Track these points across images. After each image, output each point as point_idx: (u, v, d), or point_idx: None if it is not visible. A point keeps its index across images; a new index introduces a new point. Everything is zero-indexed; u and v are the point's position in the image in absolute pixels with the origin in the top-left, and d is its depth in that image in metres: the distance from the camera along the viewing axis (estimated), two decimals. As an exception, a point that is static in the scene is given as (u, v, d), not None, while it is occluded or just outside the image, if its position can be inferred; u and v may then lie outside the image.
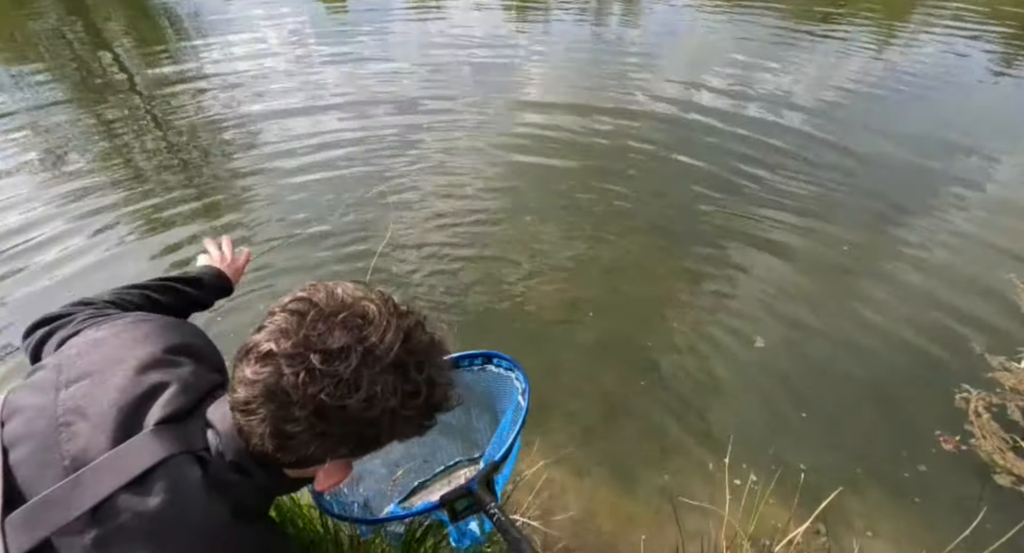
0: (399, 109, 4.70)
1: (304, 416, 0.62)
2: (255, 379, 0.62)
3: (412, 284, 2.77)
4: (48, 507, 0.60)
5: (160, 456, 0.64)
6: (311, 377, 0.61)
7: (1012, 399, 2.21)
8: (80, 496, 0.60)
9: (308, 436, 0.64)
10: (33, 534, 0.58)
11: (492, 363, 1.20)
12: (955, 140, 4.32)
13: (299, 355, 0.61)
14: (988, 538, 1.58)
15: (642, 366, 2.37)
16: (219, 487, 0.66)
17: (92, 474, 0.62)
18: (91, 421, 0.66)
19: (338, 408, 0.62)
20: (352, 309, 0.65)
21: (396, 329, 0.65)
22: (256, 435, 0.64)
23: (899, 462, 1.99)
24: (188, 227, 3.19)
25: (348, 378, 0.61)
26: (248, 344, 0.66)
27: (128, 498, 0.61)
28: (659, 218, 3.32)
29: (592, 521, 1.76)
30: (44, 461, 0.63)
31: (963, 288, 2.78)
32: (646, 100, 4.89)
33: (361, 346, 0.63)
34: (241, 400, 0.64)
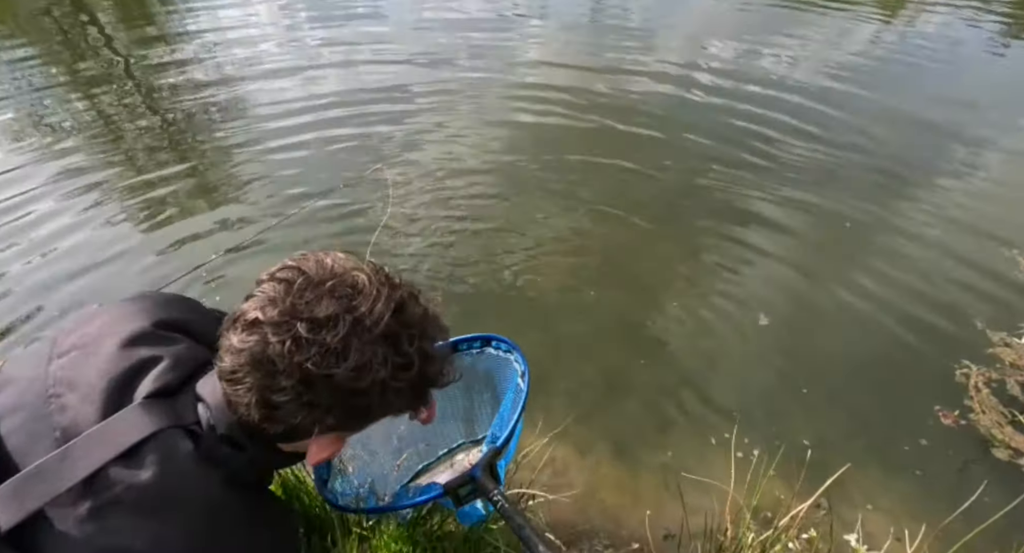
0: (395, 78, 4.58)
1: (290, 385, 0.61)
2: (241, 347, 0.62)
3: (410, 260, 2.74)
4: (38, 479, 0.59)
5: (150, 429, 0.63)
6: (297, 345, 0.60)
7: (1012, 374, 2.22)
8: (71, 468, 0.59)
9: (295, 406, 0.63)
10: (23, 506, 0.57)
11: (491, 345, 1.19)
12: (961, 113, 4.26)
13: (285, 323, 0.60)
14: (986, 511, 1.59)
15: (643, 343, 2.36)
16: (212, 460, 0.66)
17: (81, 446, 0.61)
18: (80, 392, 0.65)
19: (324, 377, 0.61)
20: (341, 278, 0.64)
21: (387, 299, 0.64)
22: (243, 405, 0.64)
23: (899, 437, 2.00)
24: (181, 205, 3.13)
25: (335, 347, 0.60)
26: (236, 312, 0.65)
27: (120, 470, 0.61)
28: (661, 194, 3.28)
29: (596, 498, 1.77)
30: (35, 432, 0.63)
31: (965, 264, 2.77)
32: (648, 73, 4.79)
33: (350, 315, 0.61)
34: (227, 369, 0.63)
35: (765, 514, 1.70)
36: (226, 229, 2.95)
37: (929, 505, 1.77)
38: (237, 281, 2.58)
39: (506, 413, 1.14)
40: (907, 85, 4.79)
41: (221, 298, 2.51)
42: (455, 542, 1.31)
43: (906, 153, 3.75)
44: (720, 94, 4.41)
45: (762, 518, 1.67)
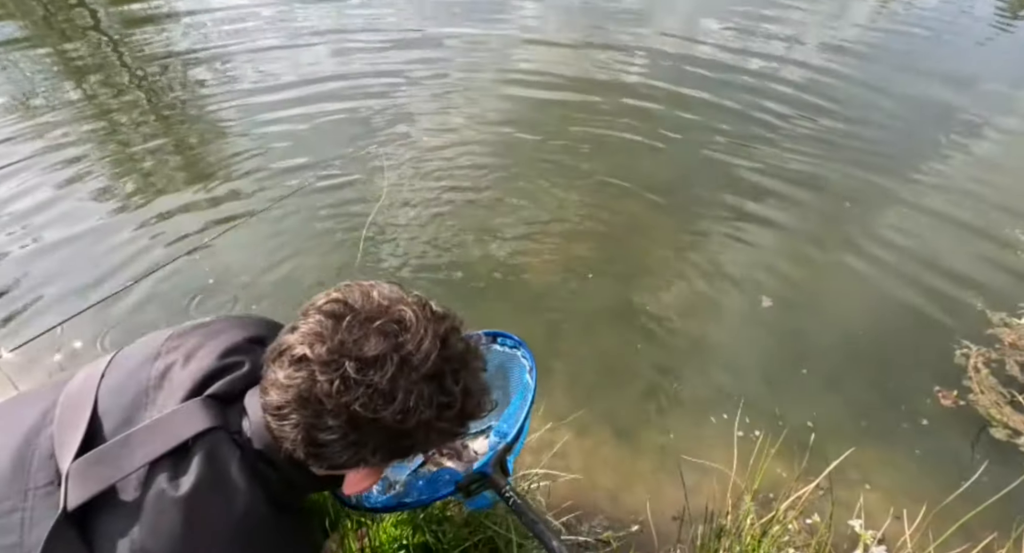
0: (388, 54, 4.48)
1: (337, 425, 0.62)
2: (288, 384, 0.62)
3: (405, 241, 2.70)
4: (101, 462, 0.62)
5: (200, 427, 0.64)
6: (346, 385, 0.60)
7: (1011, 355, 2.21)
8: (128, 456, 0.62)
9: (340, 445, 0.63)
10: (87, 488, 0.60)
11: (497, 342, 1.20)
12: (963, 89, 4.21)
13: (334, 362, 0.60)
14: (985, 491, 1.60)
15: (642, 323, 2.34)
16: (253, 472, 0.66)
17: (140, 435, 0.64)
18: (173, 386, 0.68)
19: (372, 419, 0.61)
20: (389, 314, 0.64)
21: (433, 336, 0.64)
22: (288, 440, 0.64)
23: (898, 417, 2.00)
24: (171, 182, 3.07)
25: (384, 388, 0.60)
26: (281, 345, 0.65)
27: (168, 468, 0.62)
28: (659, 172, 3.23)
29: (596, 480, 1.76)
30: (130, 418, 0.66)
31: (968, 244, 2.75)
32: (646, 49, 4.70)
33: (397, 354, 0.61)
34: (273, 404, 0.64)
35: (766, 495, 1.70)
36: (218, 207, 2.89)
37: (928, 485, 1.77)
38: (229, 259, 2.55)
39: (514, 409, 1.14)
40: (909, 60, 4.71)
41: (214, 281, 2.47)
42: (455, 526, 1.30)
43: (907, 130, 3.71)
44: (720, 70, 4.33)
45: (762, 499, 1.67)
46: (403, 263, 2.59)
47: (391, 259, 2.61)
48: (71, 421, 0.65)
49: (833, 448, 1.88)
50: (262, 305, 2.37)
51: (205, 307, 2.34)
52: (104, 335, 2.19)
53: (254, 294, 2.42)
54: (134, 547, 0.59)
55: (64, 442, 0.63)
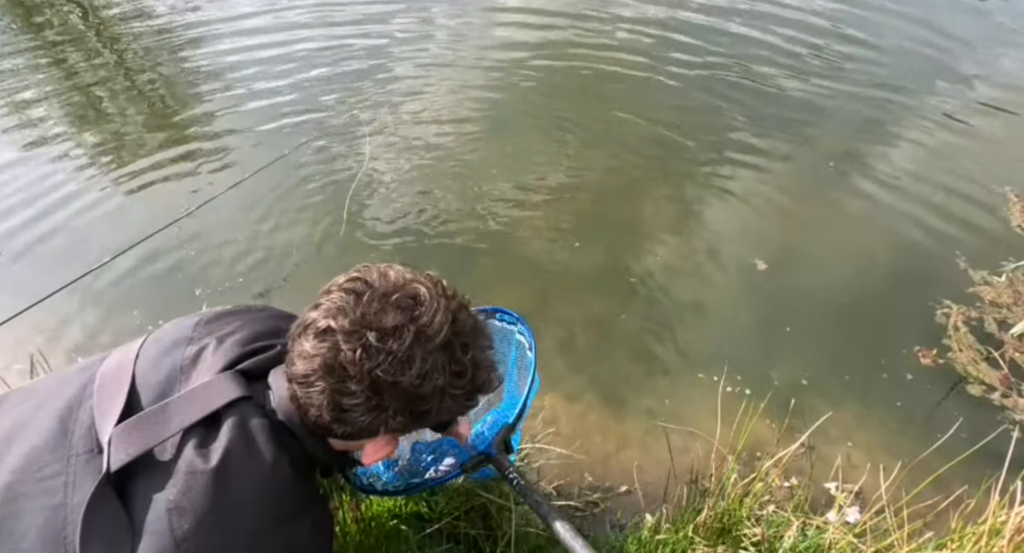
0: (369, 20, 4.29)
1: (360, 390, 0.67)
2: (315, 353, 0.67)
3: (391, 213, 2.65)
4: (141, 427, 0.67)
5: (232, 395, 0.70)
6: (367, 353, 0.65)
7: (990, 312, 2.26)
8: (166, 422, 0.67)
9: (363, 409, 0.68)
10: (127, 451, 0.65)
11: (496, 317, 1.19)
12: (952, 49, 4.12)
13: (356, 332, 0.66)
14: (960, 446, 1.66)
15: (628, 291, 2.35)
16: (279, 439, 0.71)
17: (177, 403, 0.69)
18: (203, 367, 0.73)
19: (392, 383, 0.66)
20: (405, 290, 0.69)
21: (445, 310, 0.69)
22: (314, 406, 0.69)
23: (880, 377, 2.05)
24: (151, 158, 2.97)
25: (402, 355, 0.66)
26: (306, 320, 0.70)
27: (202, 434, 0.67)
28: (645, 137, 3.18)
29: (585, 445, 1.80)
30: (164, 393, 0.71)
31: (952, 204, 2.76)
32: (631, 10, 4.52)
33: (414, 325, 0.67)
34: (300, 373, 0.68)
35: (751, 453, 1.75)
36: (198, 178, 2.82)
37: (906, 441, 1.84)
38: (211, 230, 2.50)
39: (514, 386, 1.15)
40: (895, 16, 4.58)
41: (196, 253, 2.42)
42: (447, 495, 1.33)
43: (893, 89, 3.65)
44: (704, 36, 4.17)
45: (747, 458, 1.72)
46: (389, 233, 2.55)
47: (376, 229, 2.57)
48: (110, 395, 0.70)
49: (816, 407, 1.94)
50: (247, 276, 2.34)
51: (187, 280, 2.31)
52: (86, 312, 2.16)
53: (238, 265, 2.38)
54: (169, 506, 0.63)
55: (104, 413, 0.68)
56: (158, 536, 0.62)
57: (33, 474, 0.65)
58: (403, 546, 1.25)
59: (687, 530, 1.33)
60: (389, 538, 1.27)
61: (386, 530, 1.29)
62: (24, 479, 0.64)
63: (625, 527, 1.56)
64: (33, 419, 0.70)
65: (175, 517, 0.62)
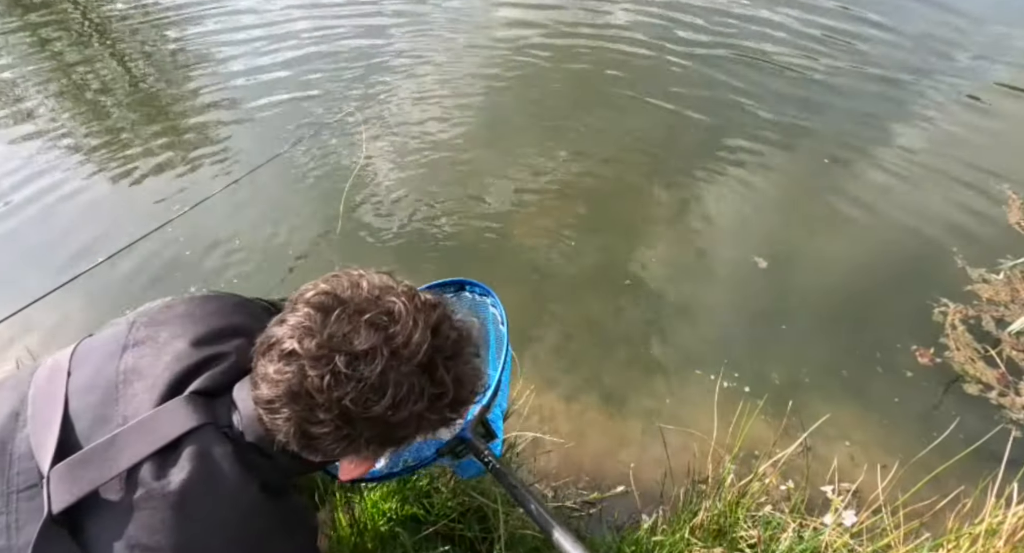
0: (366, 17, 4.26)
1: (329, 418, 0.61)
2: (278, 379, 0.61)
3: (387, 211, 2.64)
4: (86, 465, 0.61)
5: (189, 425, 0.64)
6: (336, 380, 0.59)
7: (988, 310, 2.25)
8: (115, 457, 0.61)
9: (333, 438, 0.63)
10: (71, 491, 0.59)
11: (465, 290, 1.15)
12: (950, 37, 4.10)
13: (324, 357, 0.60)
14: (957, 445, 1.66)
15: (626, 290, 2.34)
16: (245, 464, 0.66)
17: (126, 436, 0.63)
18: (146, 382, 0.66)
19: (363, 413, 0.61)
20: (378, 306, 0.63)
21: (423, 327, 0.63)
22: (281, 433, 0.64)
23: (877, 375, 2.05)
24: (147, 156, 2.95)
25: (374, 382, 0.60)
26: (271, 338, 0.64)
27: (157, 467, 0.62)
28: (642, 136, 3.16)
29: (582, 444, 1.80)
30: (103, 417, 0.65)
31: (950, 201, 2.75)
32: (631, 7, 4.49)
33: (387, 347, 0.61)
34: (264, 398, 0.63)
35: (748, 451, 1.74)
36: (194, 176, 2.80)
37: (903, 441, 1.83)
38: (207, 230, 2.48)
39: (491, 365, 1.10)
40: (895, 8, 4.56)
41: (191, 253, 2.41)
42: (443, 498, 1.32)
43: (890, 84, 3.63)
44: (703, 31, 4.15)
45: (744, 456, 1.71)
46: (385, 230, 2.54)
47: (373, 226, 2.56)
48: (45, 421, 0.64)
49: (813, 406, 1.94)
50: (243, 274, 2.33)
51: (183, 281, 2.30)
52: (82, 311, 2.15)
53: (235, 264, 2.37)
54: (131, 543, 0.59)
55: (40, 443, 0.63)
56: None
57: None
58: (398, 549, 1.24)
59: (684, 532, 1.32)
60: (384, 541, 1.27)
61: (381, 533, 1.28)
62: None
63: (622, 528, 1.56)
64: None
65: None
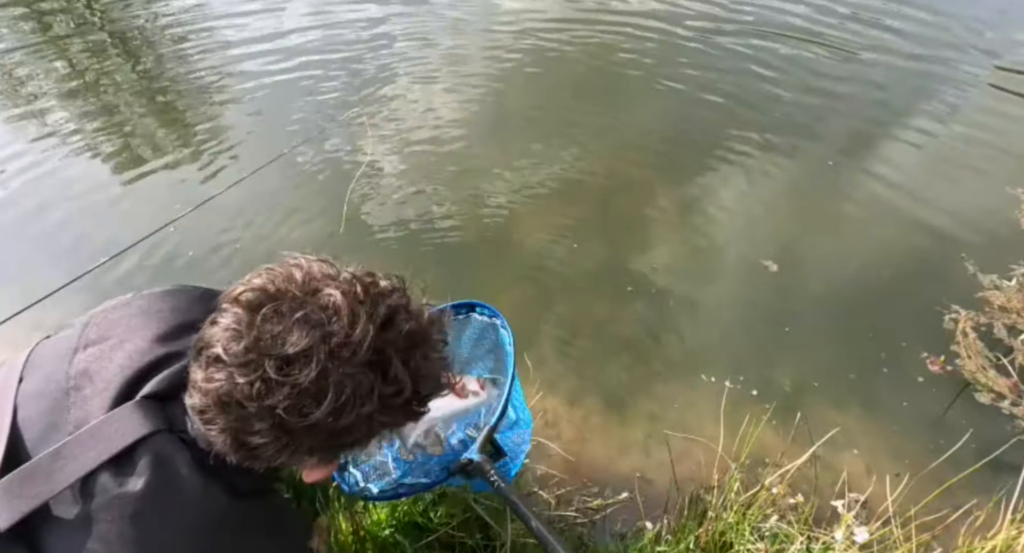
0: (369, 17, 4.24)
1: (266, 428, 0.55)
2: (207, 387, 0.55)
3: (391, 210, 2.62)
4: (32, 478, 0.56)
5: (140, 432, 0.59)
6: (267, 387, 0.53)
7: (1000, 318, 2.21)
8: (61, 470, 0.57)
9: (274, 448, 0.57)
10: (18, 507, 0.55)
11: (475, 311, 1.16)
12: (958, 34, 4.04)
13: (252, 362, 0.53)
14: (967, 455, 1.63)
15: (630, 292, 2.31)
16: (207, 469, 0.61)
17: (74, 446, 0.58)
18: (97, 387, 0.62)
19: (301, 422, 0.54)
20: (315, 299, 0.56)
21: (367, 319, 0.56)
22: (219, 443, 0.58)
23: (887, 383, 2.01)
24: (152, 156, 2.95)
25: (309, 387, 0.53)
26: (201, 340, 0.58)
27: (111, 477, 0.57)
28: (646, 135, 3.13)
29: (586, 449, 1.78)
30: (53, 423, 0.60)
31: (963, 204, 2.70)
32: (637, 5, 4.46)
33: (325, 346, 0.54)
34: (197, 407, 0.58)
35: (755, 459, 1.71)
36: (198, 175, 2.79)
37: (913, 450, 1.80)
38: (210, 229, 2.48)
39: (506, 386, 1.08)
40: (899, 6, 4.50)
41: (194, 253, 2.40)
42: (446, 503, 1.31)
43: (897, 83, 3.58)
44: (708, 31, 4.10)
45: (751, 464, 1.68)
46: (389, 229, 2.53)
47: (377, 226, 2.55)
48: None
49: (821, 413, 1.91)
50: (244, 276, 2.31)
51: (185, 279, 2.28)
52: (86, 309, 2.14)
53: (238, 264, 2.36)
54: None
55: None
56: None
57: None
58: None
59: (688, 542, 1.30)
60: (386, 548, 1.25)
61: (382, 540, 1.27)
62: None
63: (625, 536, 1.54)
64: None
65: None
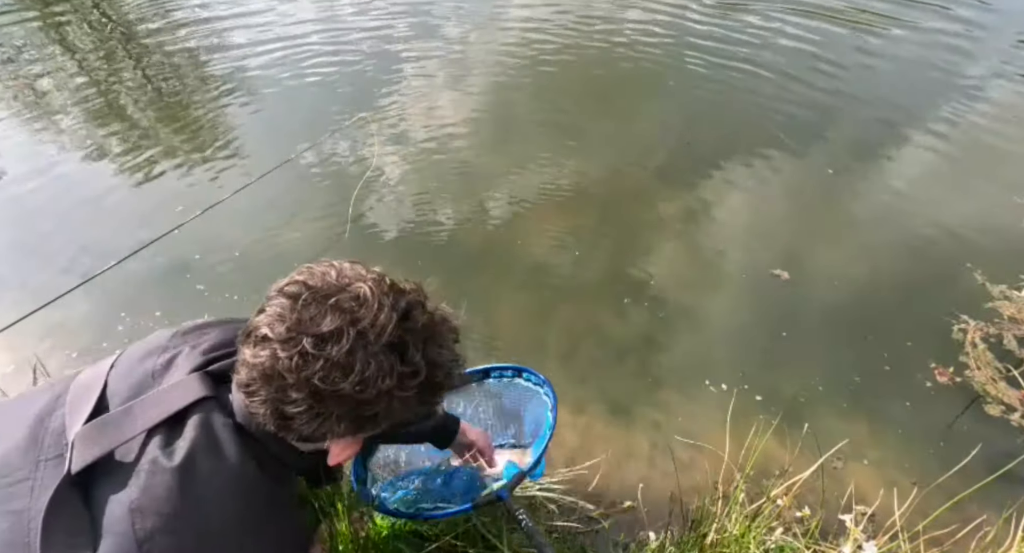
0: (376, 22, 4.28)
1: (301, 398, 0.65)
2: (254, 362, 0.66)
3: (395, 216, 2.63)
4: (105, 429, 0.67)
5: (197, 395, 0.70)
6: (304, 360, 0.64)
7: (1010, 328, 2.19)
8: (131, 423, 0.67)
9: (307, 416, 0.67)
10: (90, 451, 0.65)
11: (522, 377, 1.28)
12: (960, 41, 4.02)
13: (292, 339, 0.64)
14: (976, 467, 1.60)
15: (634, 299, 2.30)
16: (244, 441, 0.71)
17: (142, 404, 0.70)
18: (180, 372, 0.74)
19: (332, 390, 0.64)
20: (347, 290, 0.67)
21: (391, 309, 0.67)
22: (260, 414, 0.68)
23: (895, 394, 1.99)
24: (160, 160, 2.97)
25: (340, 361, 0.64)
26: (249, 327, 0.69)
27: (165, 432, 0.67)
28: (652, 142, 3.14)
29: (589, 458, 1.76)
30: (133, 396, 0.71)
31: (971, 213, 2.69)
32: (642, 13, 4.47)
33: (353, 328, 0.64)
34: (243, 381, 0.68)
35: (760, 470, 1.70)
36: (205, 182, 2.81)
37: (921, 461, 1.78)
38: (215, 234, 2.49)
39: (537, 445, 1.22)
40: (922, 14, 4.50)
41: (200, 257, 2.41)
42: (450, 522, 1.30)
43: (901, 87, 3.57)
44: (713, 39, 4.11)
45: (756, 475, 1.66)
46: (394, 235, 2.54)
47: (382, 231, 2.55)
48: (81, 401, 0.71)
49: (828, 424, 1.89)
50: (254, 279, 2.32)
51: (192, 282, 2.30)
52: (94, 314, 2.15)
53: (241, 270, 2.37)
54: (131, 506, 0.62)
55: (74, 419, 0.69)
56: (120, 537, 0.61)
57: (2, 479, 0.65)
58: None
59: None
60: (386, 557, 1.24)
61: (383, 548, 1.26)
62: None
63: (628, 547, 1.52)
64: (4, 429, 0.70)
65: (137, 517, 0.62)
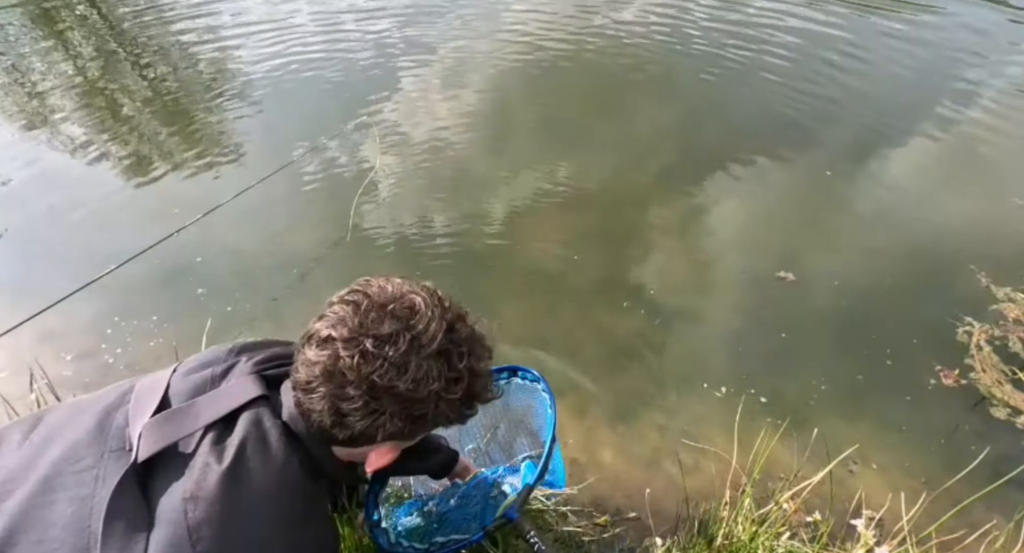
0: (377, 26, 4.28)
1: (358, 395, 0.70)
2: (316, 360, 0.70)
3: (397, 220, 2.62)
4: (169, 422, 0.72)
5: (252, 394, 0.76)
6: (365, 359, 0.69)
7: (1015, 330, 2.18)
8: (193, 418, 0.73)
9: (362, 413, 0.71)
10: (156, 443, 0.70)
11: (518, 376, 1.25)
12: (972, 47, 4.03)
13: (354, 339, 0.69)
14: (983, 471, 1.59)
15: (636, 302, 2.30)
16: (290, 441, 0.75)
17: (204, 401, 0.75)
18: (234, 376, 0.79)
19: (388, 388, 0.69)
20: (402, 301, 0.73)
21: (440, 319, 0.72)
22: (316, 411, 0.72)
23: (901, 397, 1.98)
24: (160, 164, 2.96)
25: (397, 361, 0.69)
26: (310, 331, 0.74)
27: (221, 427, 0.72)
28: (655, 145, 3.13)
29: (593, 463, 1.75)
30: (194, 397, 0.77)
31: (975, 216, 2.68)
32: (644, 15, 4.48)
33: (409, 333, 0.70)
34: (303, 380, 0.72)
35: (767, 475, 1.68)
36: (206, 185, 2.80)
37: (928, 465, 1.77)
38: (218, 237, 2.48)
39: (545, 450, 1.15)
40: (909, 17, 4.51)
41: (202, 260, 2.40)
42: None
43: (911, 91, 3.57)
44: (714, 42, 4.12)
45: (763, 480, 1.65)
46: (394, 237, 2.53)
47: (382, 235, 2.54)
48: (145, 401, 0.76)
49: (834, 427, 1.88)
50: (255, 282, 2.32)
51: (193, 286, 2.29)
52: (95, 317, 2.14)
53: (246, 271, 2.36)
54: (185, 496, 0.66)
55: (138, 416, 0.74)
56: (173, 525, 0.65)
57: (70, 467, 0.69)
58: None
59: (700, 560, 1.27)
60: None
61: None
62: (61, 471, 0.69)
63: (634, 552, 1.51)
64: (74, 420, 0.75)
65: (190, 507, 0.65)
